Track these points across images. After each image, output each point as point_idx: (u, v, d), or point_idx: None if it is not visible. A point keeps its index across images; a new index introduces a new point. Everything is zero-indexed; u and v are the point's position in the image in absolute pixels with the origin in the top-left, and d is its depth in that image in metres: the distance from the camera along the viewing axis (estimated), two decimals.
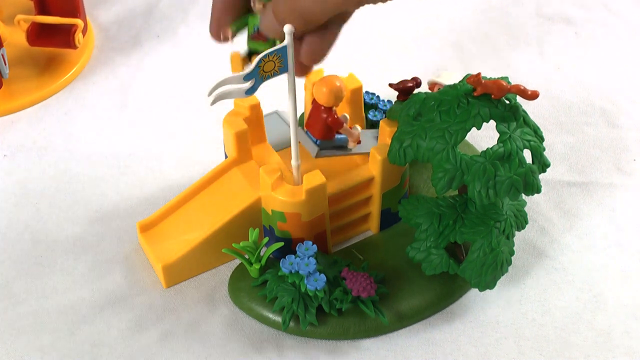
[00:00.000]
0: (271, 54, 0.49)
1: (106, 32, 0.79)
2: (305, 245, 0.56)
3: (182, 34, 0.79)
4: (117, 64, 0.76)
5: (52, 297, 0.58)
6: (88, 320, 0.56)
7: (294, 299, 0.54)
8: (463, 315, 0.57)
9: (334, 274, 0.56)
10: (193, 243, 0.57)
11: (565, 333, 0.56)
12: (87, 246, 0.61)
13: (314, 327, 0.55)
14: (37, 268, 0.59)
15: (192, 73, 0.75)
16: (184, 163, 0.67)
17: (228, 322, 0.56)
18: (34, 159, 0.67)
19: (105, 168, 0.66)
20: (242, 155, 0.60)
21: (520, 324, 0.56)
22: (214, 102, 0.48)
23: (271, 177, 0.55)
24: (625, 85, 0.74)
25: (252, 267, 0.56)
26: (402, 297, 0.56)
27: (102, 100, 0.72)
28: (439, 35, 0.79)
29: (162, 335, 0.56)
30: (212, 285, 0.58)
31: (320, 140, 0.58)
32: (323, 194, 0.56)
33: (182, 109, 0.72)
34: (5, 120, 0.71)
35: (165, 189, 0.65)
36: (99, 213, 0.63)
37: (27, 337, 0.55)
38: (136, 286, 0.58)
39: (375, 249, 0.59)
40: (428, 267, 0.55)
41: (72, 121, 0.70)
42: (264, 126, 0.61)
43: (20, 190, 0.65)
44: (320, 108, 0.57)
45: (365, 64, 0.75)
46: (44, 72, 0.74)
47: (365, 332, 0.55)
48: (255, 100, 0.59)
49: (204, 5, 0.82)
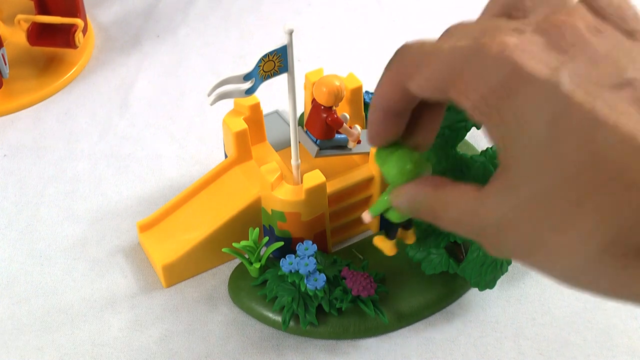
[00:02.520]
0: (271, 54, 0.49)
1: (106, 32, 0.79)
2: (305, 244, 0.56)
3: (182, 34, 0.79)
4: (117, 64, 0.76)
5: (52, 297, 0.58)
6: (88, 320, 0.56)
7: (294, 298, 0.54)
8: (463, 315, 0.57)
9: (334, 274, 0.56)
10: (193, 243, 0.57)
11: (565, 333, 0.56)
12: (87, 246, 0.61)
13: (314, 327, 0.55)
14: (37, 268, 0.60)
15: (192, 73, 0.75)
16: (184, 163, 0.67)
17: (228, 322, 0.56)
18: (34, 159, 0.67)
19: (105, 168, 0.66)
20: (242, 155, 0.60)
21: (520, 323, 0.56)
22: (214, 102, 0.48)
23: (271, 176, 0.55)
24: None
25: (252, 266, 0.56)
26: (402, 296, 0.56)
27: (102, 100, 0.72)
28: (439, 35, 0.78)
29: (162, 335, 0.56)
30: (212, 285, 0.58)
31: (320, 140, 0.58)
32: (323, 193, 0.56)
33: (182, 109, 0.72)
34: (5, 120, 0.71)
35: (165, 188, 0.65)
36: (99, 213, 0.63)
37: (27, 337, 0.55)
38: (136, 286, 0.58)
39: (375, 249, 0.59)
40: (428, 267, 0.55)
41: (72, 121, 0.70)
42: (264, 126, 0.61)
43: (20, 190, 0.65)
44: (320, 108, 0.57)
45: (365, 64, 0.75)
46: (44, 72, 0.74)
47: (365, 332, 0.55)
48: (255, 100, 0.59)
49: (204, 5, 0.82)
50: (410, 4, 0.83)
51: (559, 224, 0.34)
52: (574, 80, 0.34)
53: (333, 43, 0.78)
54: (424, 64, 0.38)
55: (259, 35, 0.79)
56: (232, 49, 0.77)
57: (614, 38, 0.36)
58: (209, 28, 0.79)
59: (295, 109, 0.53)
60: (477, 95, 0.36)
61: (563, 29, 0.35)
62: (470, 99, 0.36)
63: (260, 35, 0.79)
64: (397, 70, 0.40)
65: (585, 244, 0.34)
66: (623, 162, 0.32)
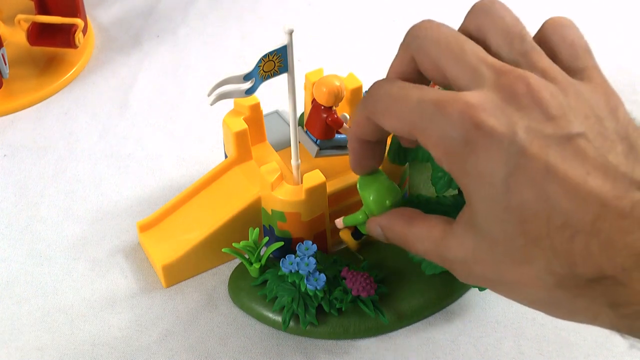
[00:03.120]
0: (271, 54, 0.49)
1: (106, 32, 0.79)
2: (305, 244, 0.56)
3: (182, 34, 0.79)
4: (117, 64, 0.76)
5: (52, 297, 0.58)
6: (88, 320, 0.56)
7: (294, 298, 0.54)
8: (463, 315, 0.57)
9: (334, 274, 0.56)
10: (193, 243, 0.57)
11: (565, 333, 0.56)
12: (87, 246, 0.61)
13: (314, 327, 0.55)
14: (37, 268, 0.60)
15: (192, 73, 0.75)
16: (184, 163, 0.67)
17: (228, 322, 0.56)
18: (34, 159, 0.67)
19: (105, 168, 0.66)
20: (242, 155, 0.60)
21: (520, 323, 0.56)
22: (214, 102, 0.48)
23: (271, 176, 0.55)
24: None
25: (252, 266, 0.56)
26: (402, 296, 0.56)
27: (102, 100, 0.72)
28: None
29: (162, 335, 0.56)
30: (212, 285, 0.58)
31: (320, 140, 0.58)
32: (323, 193, 0.56)
33: (182, 109, 0.72)
34: (5, 120, 0.71)
35: (165, 189, 0.65)
36: (99, 213, 0.63)
37: (27, 337, 0.55)
38: (136, 286, 0.58)
39: (375, 249, 0.59)
40: (428, 267, 0.55)
41: (72, 121, 0.70)
42: (264, 126, 0.61)
43: (20, 190, 0.65)
44: (320, 108, 0.57)
45: (365, 64, 0.75)
46: (44, 72, 0.74)
47: (365, 332, 0.55)
48: (255, 100, 0.59)
49: (204, 5, 0.82)
50: (410, 4, 0.83)
51: (518, 261, 0.38)
52: (529, 134, 0.37)
53: (333, 43, 0.78)
54: (391, 109, 0.42)
55: (259, 35, 0.79)
56: (232, 49, 0.77)
57: (564, 85, 0.39)
58: (209, 28, 0.80)
59: (295, 109, 0.53)
60: (441, 149, 0.39)
61: (518, 85, 0.38)
62: (436, 150, 0.40)
63: (260, 35, 0.79)
64: (366, 108, 0.44)
65: (542, 277, 0.38)
66: (570, 211, 0.36)
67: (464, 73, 0.40)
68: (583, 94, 0.39)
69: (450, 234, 0.42)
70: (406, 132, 0.41)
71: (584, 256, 0.36)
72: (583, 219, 0.36)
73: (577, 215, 0.36)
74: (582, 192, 0.36)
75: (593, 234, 0.36)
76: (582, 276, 0.37)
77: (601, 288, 0.37)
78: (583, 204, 0.36)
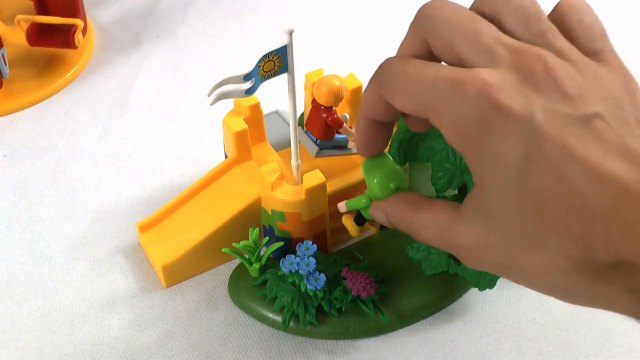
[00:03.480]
0: (271, 54, 0.49)
1: (106, 32, 0.79)
2: (305, 244, 0.56)
3: (182, 34, 0.79)
4: (117, 64, 0.76)
5: (52, 297, 0.58)
6: (88, 320, 0.56)
7: (294, 298, 0.54)
8: (463, 315, 0.57)
9: (334, 274, 0.56)
10: (193, 243, 0.57)
11: (565, 333, 0.56)
12: (87, 246, 0.61)
13: (314, 327, 0.55)
14: (37, 268, 0.59)
15: (192, 73, 0.75)
16: (184, 163, 0.67)
17: (228, 322, 0.56)
18: (34, 159, 0.67)
19: (105, 168, 0.66)
20: (242, 155, 0.60)
21: (520, 323, 0.56)
22: (214, 102, 0.48)
23: (271, 176, 0.55)
24: None
25: (252, 266, 0.56)
26: (402, 296, 0.56)
27: (102, 100, 0.72)
28: None
29: (162, 335, 0.56)
30: (212, 285, 0.58)
31: (320, 140, 0.58)
32: (323, 193, 0.56)
33: (182, 109, 0.72)
34: (5, 120, 0.71)
35: (165, 189, 0.65)
36: (99, 213, 0.63)
37: (27, 337, 0.55)
38: (136, 286, 0.58)
39: (375, 249, 0.59)
40: (428, 267, 0.55)
41: (72, 121, 0.70)
42: (264, 126, 0.61)
43: (20, 190, 0.65)
44: (320, 108, 0.57)
45: (365, 64, 0.75)
46: (44, 72, 0.74)
47: (365, 332, 0.55)
48: (255, 100, 0.59)
49: (204, 5, 0.82)
50: (410, 4, 0.82)
51: (533, 245, 0.37)
52: (547, 115, 0.36)
53: (333, 43, 0.78)
54: (405, 87, 0.40)
55: (259, 35, 0.79)
56: (232, 49, 0.77)
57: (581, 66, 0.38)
58: (209, 28, 0.80)
59: (295, 109, 0.53)
60: (455, 129, 0.38)
61: (535, 65, 0.37)
62: (449, 130, 0.38)
63: (260, 35, 0.79)
64: (379, 85, 0.42)
65: (558, 262, 0.37)
66: (589, 193, 0.35)
67: (479, 54, 0.38)
68: (600, 75, 0.38)
69: (458, 219, 0.41)
70: (419, 111, 0.39)
71: (602, 240, 0.35)
72: (602, 202, 0.35)
73: (595, 198, 0.35)
74: (601, 175, 0.35)
75: (612, 218, 0.34)
76: (600, 261, 0.35)
77: (619, 273, 0.35)
78: (602, 187, 0.35)
